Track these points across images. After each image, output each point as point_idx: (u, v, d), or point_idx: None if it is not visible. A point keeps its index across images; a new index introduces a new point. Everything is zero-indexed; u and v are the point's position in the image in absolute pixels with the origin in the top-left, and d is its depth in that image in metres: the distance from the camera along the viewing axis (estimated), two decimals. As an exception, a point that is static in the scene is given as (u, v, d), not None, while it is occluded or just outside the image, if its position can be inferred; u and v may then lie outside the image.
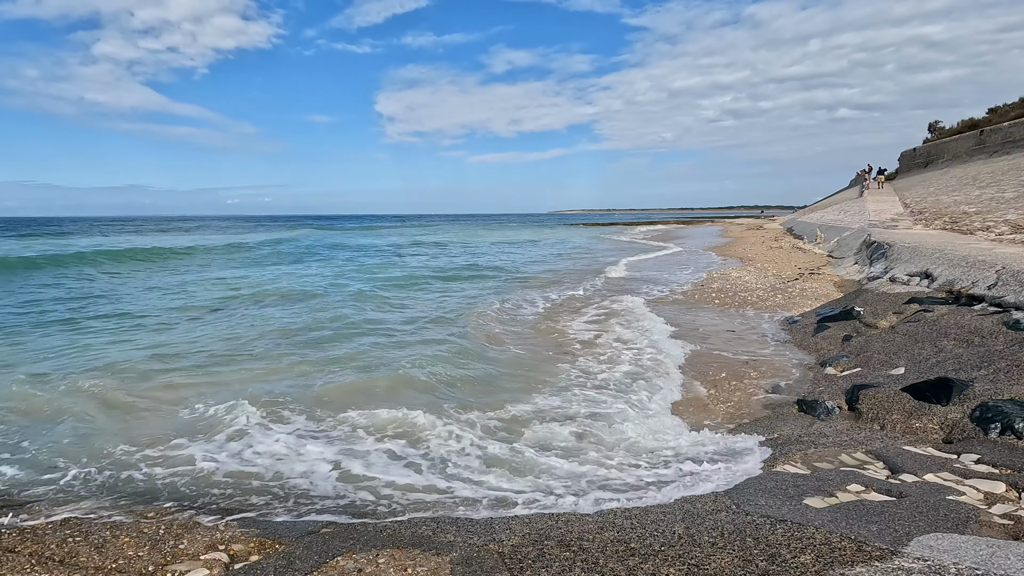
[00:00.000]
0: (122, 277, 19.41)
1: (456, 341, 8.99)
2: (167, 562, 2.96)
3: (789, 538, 2.86)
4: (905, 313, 8.31)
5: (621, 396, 6.38)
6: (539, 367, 7.70)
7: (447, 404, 6.14)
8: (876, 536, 2.84)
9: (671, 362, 7.71)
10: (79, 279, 18.59)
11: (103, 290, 15.85)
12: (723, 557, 2.73)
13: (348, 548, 3.08)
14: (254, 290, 15.63)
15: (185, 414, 6.01)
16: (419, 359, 7.73)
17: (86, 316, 11.69)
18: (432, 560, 2.91)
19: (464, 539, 3.19)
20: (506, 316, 11.59)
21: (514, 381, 7.07)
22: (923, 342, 6.72)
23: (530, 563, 2.83)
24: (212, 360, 8.11)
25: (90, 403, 6.33)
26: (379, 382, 6.91)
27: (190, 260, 26.13)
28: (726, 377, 7.05)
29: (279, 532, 3.34)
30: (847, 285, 12.51)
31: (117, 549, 3.06)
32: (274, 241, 40.02)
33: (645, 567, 2.70)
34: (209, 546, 3.15)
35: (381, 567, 2.84)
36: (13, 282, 17.45)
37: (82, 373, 7.41)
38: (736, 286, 13.92)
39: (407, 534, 3.29)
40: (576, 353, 8.40)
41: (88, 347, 9.00)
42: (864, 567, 2.51)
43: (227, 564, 2.95)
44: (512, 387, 6.81)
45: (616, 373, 7.27)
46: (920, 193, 25.94)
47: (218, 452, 4.96)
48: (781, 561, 2.64)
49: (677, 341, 8.89)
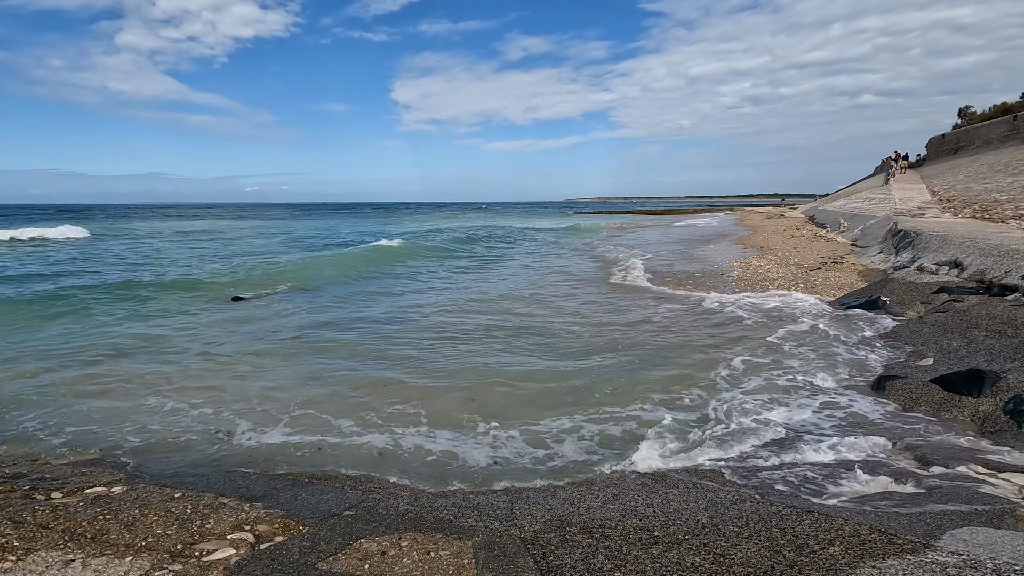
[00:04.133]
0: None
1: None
2: (195, 540, 3.01)
3: (817, 529, 2.81)
4: (934, 303, 8.11)
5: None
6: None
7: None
8: (907, 529, 2.78)
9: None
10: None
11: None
12: (749, 547, 2.70)
13: (371, 531, 3.10)
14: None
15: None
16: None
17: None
18: (455, 544, 2.92)
19: (485, 524, 3.19)
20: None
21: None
22: (953, 333, 6.55)
23: (552, 549, 2.82)
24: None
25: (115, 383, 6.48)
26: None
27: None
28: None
29: (303, 514, 3.37)
30: (872, 274, 12.24)
31: (146, 527, 3.12)
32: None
33: (669, 555, 2.68)
34: (235, 526, 3.20)
35: (404, 550, 2.86)
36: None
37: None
38: (757, 275, 13.70)
39: (429, 518, 3.31)
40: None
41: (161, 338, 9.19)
42: (896, 560, 2.46)
43: (253, 544, 2.99)
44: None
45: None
46: (949, 180, 25.20)
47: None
48: (809, 552, 2.60)
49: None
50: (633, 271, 16.43)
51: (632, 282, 14.43)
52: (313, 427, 5.28)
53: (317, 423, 5.38)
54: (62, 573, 2.58)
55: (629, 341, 8.15)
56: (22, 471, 4.19)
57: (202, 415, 5.60)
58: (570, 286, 14.25)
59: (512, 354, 7.67)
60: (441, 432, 5.14)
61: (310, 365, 7.27)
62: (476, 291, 13.82)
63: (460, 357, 7.56)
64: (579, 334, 8.74)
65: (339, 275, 16.82)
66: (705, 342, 7.88)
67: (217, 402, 5.95)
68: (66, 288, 13.28)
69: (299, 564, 2.72)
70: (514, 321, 9.88)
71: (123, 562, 2.71)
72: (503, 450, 4.76)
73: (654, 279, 14.62)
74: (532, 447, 4.81)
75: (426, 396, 6.06)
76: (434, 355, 7.67)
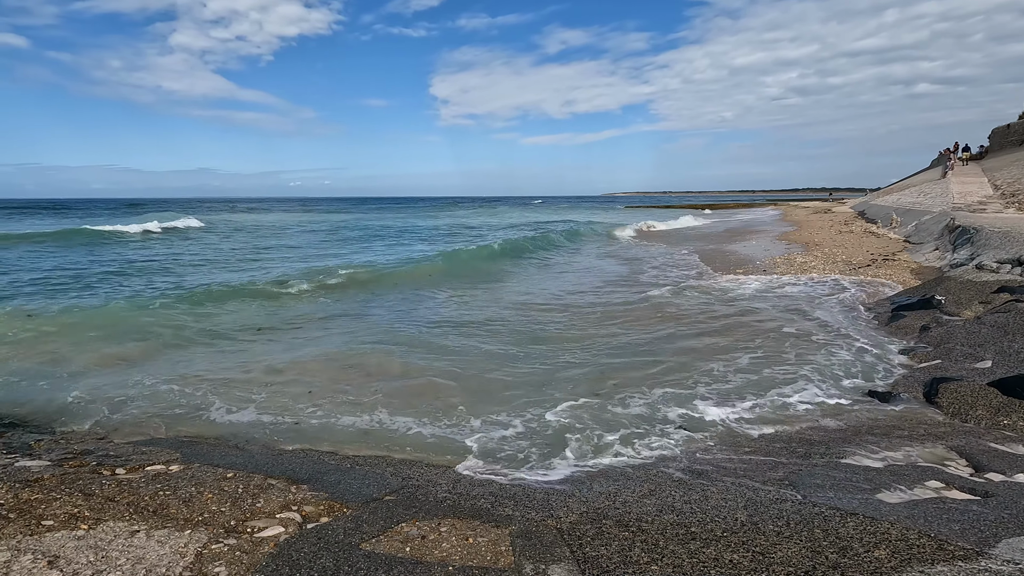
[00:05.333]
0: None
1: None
2: (247, 518, 3.17)
3: (862, 532, 2.75)
4: (993, 303, 7.70)
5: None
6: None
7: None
8: (959, 535, 2.68)
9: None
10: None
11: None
12: (790, 547, 2.66)
13: (411, 516, 3.20)
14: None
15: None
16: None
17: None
18: (492, 531, 2.99)
19: (523, 513, 3.25)
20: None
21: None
22: (1014, 334, 6.21)
23: (589, 540, 2.85)
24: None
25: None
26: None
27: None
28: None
29: (346, 497, 3.51)
30: (926, 272, 11.69)
31: (202, 504, 3.30)
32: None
33: (707, 551, 2.67)
34: (283, 506, 3.35)
35: (443, 535, 2.94)
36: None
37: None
38: (800, 273, 13.28)
39: (467, 506, 3.38)
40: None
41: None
42: (946, 566, 2.38)
43: (300, 523, 3.13)
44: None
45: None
46: (1014, 174, 23.72)
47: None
48: (853, 554, 2.54)
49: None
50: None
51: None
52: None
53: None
54: (128, 542, 2.76)
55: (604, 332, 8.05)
56: (89, 448, 4.49)
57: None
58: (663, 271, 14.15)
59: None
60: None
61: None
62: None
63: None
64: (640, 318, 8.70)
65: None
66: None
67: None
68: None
69: (344, 544, 2.83)
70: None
71: (183, 534, 2.89)
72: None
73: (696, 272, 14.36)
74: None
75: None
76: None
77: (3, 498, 3.08)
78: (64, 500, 3.15)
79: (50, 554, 2.58)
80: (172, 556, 2.67)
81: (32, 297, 11.59)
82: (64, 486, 3.36)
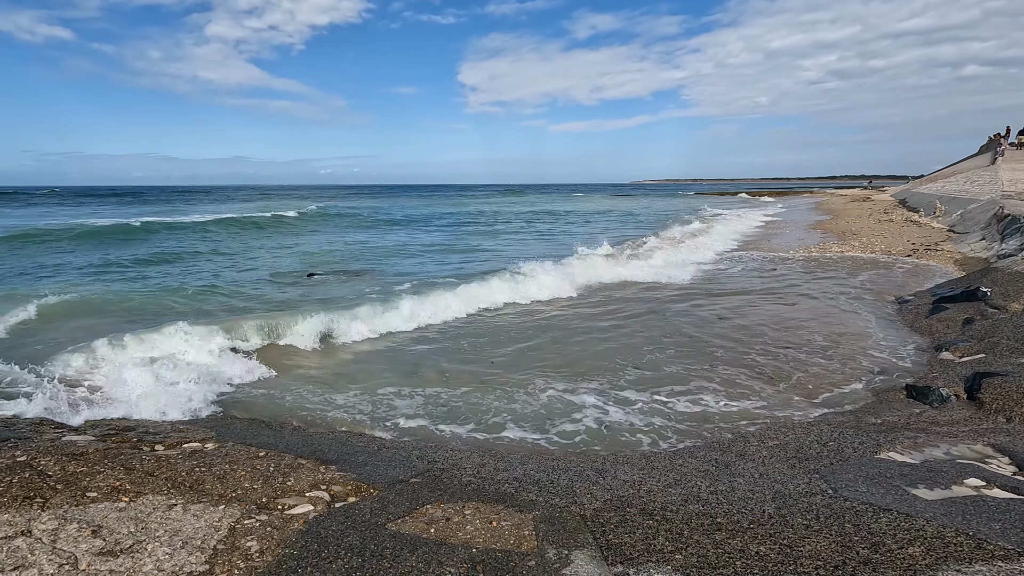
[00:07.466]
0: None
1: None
2: (278, 495, 3.27)
3: (895, 528, 2.67)
4: (1044, 296, 7.34)
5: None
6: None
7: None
8: (999, 535, 2.59)
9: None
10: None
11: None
12: (819, 540, 2.60)
13: (436, 498, 3.24)
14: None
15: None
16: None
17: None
18: (516, 516, 3.01)
19: (546, 500, 3.26)
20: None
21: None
22: (1066, 329, 5.91)
23: (612, 527, 2.84)
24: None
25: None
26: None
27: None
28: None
29: (373, 478, 3.58)
30: (971, 263, 11.21)
31: (235, 481, 3.41)
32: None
33: (733, 542, 2.63)
34: (312, 485, 3.44)
35: (467, 517, 2.98)
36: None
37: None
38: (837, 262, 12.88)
39: (491, 490, 3.41)
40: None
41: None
42: (984, 565, 2.30)
43: (328, 503, 3.21)
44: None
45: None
46: (1070, 160, 22.44)
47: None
48: (885, 551, 2.48)
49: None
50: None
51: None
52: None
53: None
54: (166, 515, 2.88)
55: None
56: (130, 425, 4.68)
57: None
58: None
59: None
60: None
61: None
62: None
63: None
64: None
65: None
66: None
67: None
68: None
69: (370, 523, 2.90)
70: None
71: (217, 509, 2.99)
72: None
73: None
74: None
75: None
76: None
77: (51, 470, 3.24)
78: (107, 473, 3.29)
79: (94, 524, 2.71)
80: (207, 529, 2.77)
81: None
82: (107, 460, 3.52)
